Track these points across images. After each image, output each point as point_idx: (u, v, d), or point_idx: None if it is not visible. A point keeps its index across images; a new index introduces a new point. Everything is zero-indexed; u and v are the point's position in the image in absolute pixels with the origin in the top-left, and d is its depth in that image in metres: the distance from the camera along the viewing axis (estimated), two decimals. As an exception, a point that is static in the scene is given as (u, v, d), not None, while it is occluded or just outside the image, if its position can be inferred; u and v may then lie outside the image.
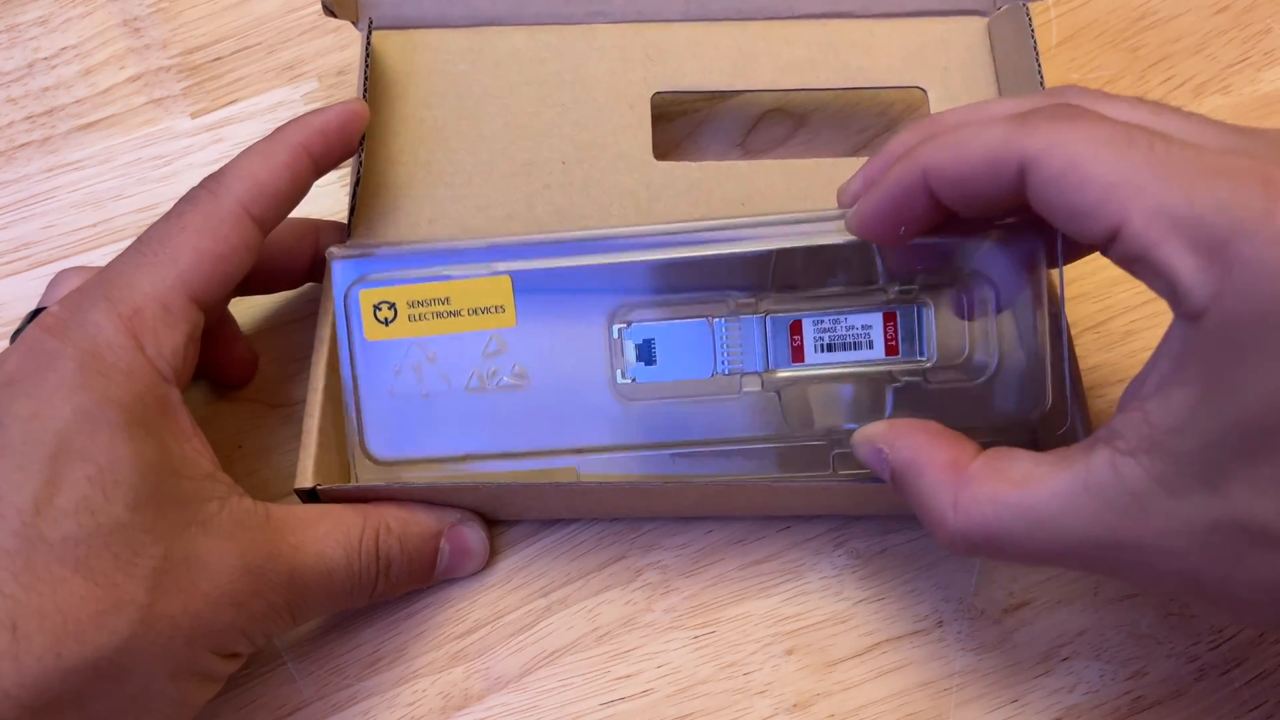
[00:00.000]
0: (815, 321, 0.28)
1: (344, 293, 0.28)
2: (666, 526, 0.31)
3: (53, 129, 0.37)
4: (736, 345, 0.28)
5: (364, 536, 0.27)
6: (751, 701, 0.29)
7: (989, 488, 0.22)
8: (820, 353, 0.28)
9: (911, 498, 0.24)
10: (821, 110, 0.37)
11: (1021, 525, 0.22)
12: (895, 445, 0.25)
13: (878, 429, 0.26)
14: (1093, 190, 0.20)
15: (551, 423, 0.29)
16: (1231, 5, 0.38)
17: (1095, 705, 0.28)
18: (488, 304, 0.28)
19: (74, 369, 0.23)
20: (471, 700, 0.29)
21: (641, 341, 0.28)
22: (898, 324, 0.28)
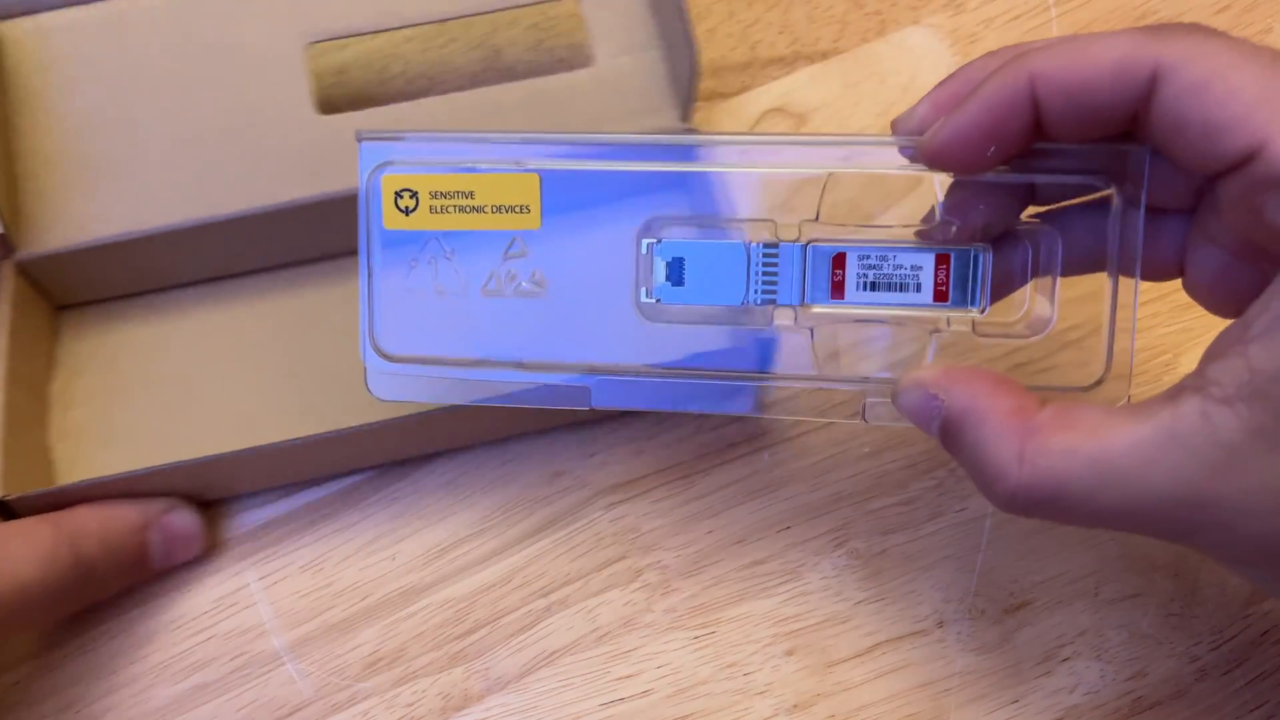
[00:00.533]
0: (861, 256, 0.25)
1: (367, 176, 0.26)
2: (667, 527, 0.31)
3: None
4: (773, 273, 0.26)
5: (57, 548, 0.26)
6: (752, 702, 0.29)
7: (1060, 437, 0.21)
8: (863, 291, 0.25)
9: (966, 449, 0.22)
10: (822, 109, 0.37)
11: (1094, 478, 0.20)
12: (952, 391, 0.22)
13: (930, 373, 0.23)
14: (1236, 104, 0.19)
15: (567, 335, 0.27)
16: (1232, 4, 0.38)
17: (1096, 706, 0.28)
18: (513, 202, 0.26)
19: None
20: (471, 700, 0.29)
21: (671, 259, 0.26)
22: (950, 267, 0.25)
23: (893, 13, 0.38)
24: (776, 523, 0.31)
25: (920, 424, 0.23)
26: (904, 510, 0.31)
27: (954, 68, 0.37)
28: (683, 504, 0.31)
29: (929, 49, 0.38)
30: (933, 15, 0.38)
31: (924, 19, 0.38)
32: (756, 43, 0.38)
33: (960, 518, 0.31)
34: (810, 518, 0.31)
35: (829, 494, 0.31)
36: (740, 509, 0.31)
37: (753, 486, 0.31)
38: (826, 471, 0.31)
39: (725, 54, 0.38)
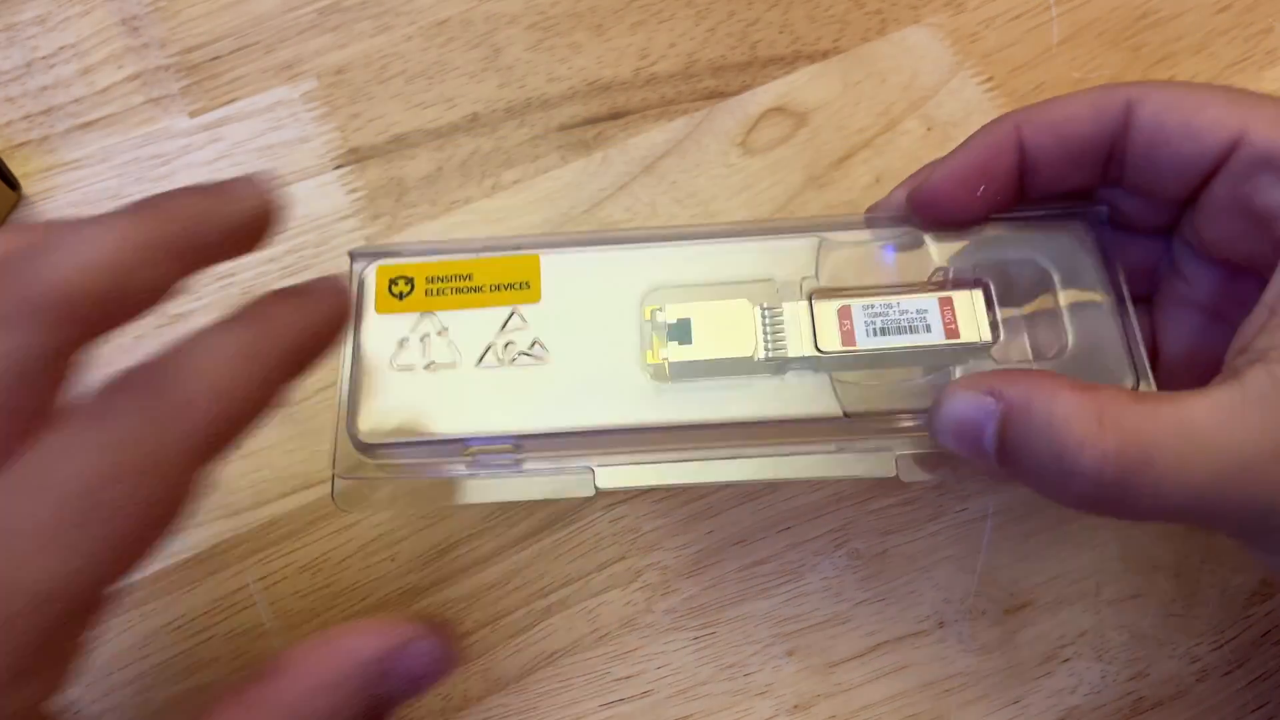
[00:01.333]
0: (865, 306, 0.25)
1: (359, 274, 0.26)
2: (667, 527, 0.31)
3: (51, 128, 0.37)
4: (780, 328, 0.25)
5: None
6: (752, 703, 0.29)
7: (1135, 405, 0.20)
8: (873, 336, 0.25)
9: (1036, 435, 0.20)
10: (822, 109, 0.37)
11: (1182, 442, 0.19)
12: (1008, 386, 0.21)
13: (981, 376, 0.22)
14: (1210, 108, 0.22)
15: (571, 400, 0.25)
16: (1233, 4, 0.38)
17: (1097, 706, 0.28)
18: (513, 280, 0.26)
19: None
20: (471, 701, 0.29)
21: (677, 320, 0.25)
22: (955, 308, 0.25)
23: (893, 12, 0.38)
24: (776, 523, 0.31)
25: (969, 436, 0.22)
26: (904, 510, 0.31)
27: (954, 67, 0.37)
28: (683, 504, 0.31)
29: (929, 48, 0.38)
30: (933, 15, 0.38)
31: (924, 18, 0.38)
32: (756, 42, 0.38)
33: (961, 518, 0.31)
34: (810, 518, 0.31)
35: (829, 494, 0.31)
36: (740, 509, 0.31)
37: (753, 486, 0.31)
38: (827, 471, 0.31)
39: (725, 53, 0.38)
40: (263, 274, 0.34)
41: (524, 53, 0.38)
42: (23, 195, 0.36)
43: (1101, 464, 0.19)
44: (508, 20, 0.38)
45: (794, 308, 0.25)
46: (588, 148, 0.36)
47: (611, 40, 0.38)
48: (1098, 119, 0.23)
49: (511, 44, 0.38)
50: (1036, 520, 0.30)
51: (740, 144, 0.36)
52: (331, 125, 0.37)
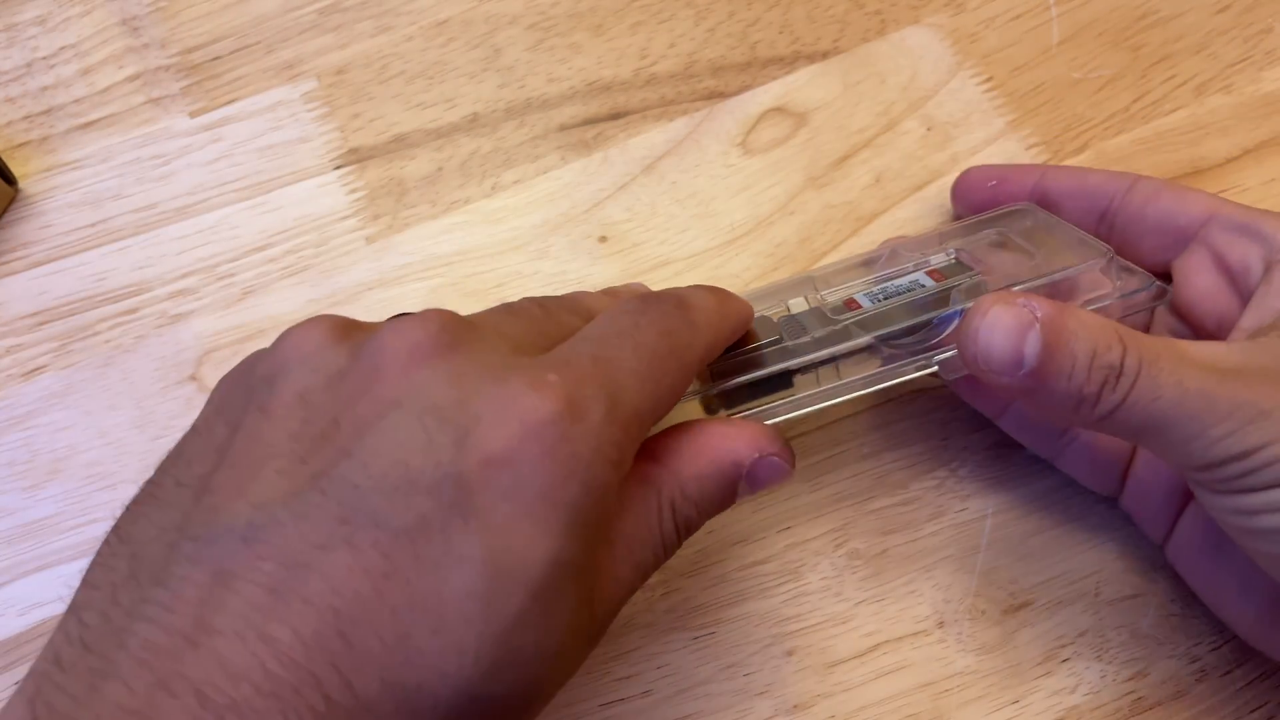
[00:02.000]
0: (865, 293, 0.28)
1: None
2: (666, 527, 0.31)
3: (51, 128, 0.37)
4: (796, 322, 0.28)
5: (663, 520, 0.23)
6: (752, 703, 0.29)
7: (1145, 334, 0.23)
8: (878, 302, 0.28)
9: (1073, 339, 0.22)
10: (822, 109, 0.37)
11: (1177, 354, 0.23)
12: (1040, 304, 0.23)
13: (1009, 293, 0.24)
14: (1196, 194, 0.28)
15: None
16: (1233, 4, 0.38)
17: (1096, 706, 0.28)
18: None
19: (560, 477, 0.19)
20: (471, 701, 0.29)
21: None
22: (940, 270, 0.28)
23: (893, 12, 0.38)
24: (776, 523, 0.31)
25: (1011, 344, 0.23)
26: (904, 510, 0.31)
27: (954, 67, 0.37)
28: (683, 504, 0.31)
29: (929, 48, 0.38)
30: (933, 15, 0.38)
31: (924, 18, 0.38)
32: (756, 42, 0.38)
33: (960, 518, 0.31)
34: (810, 518, 0.31)
35: (829, 494, 0.31)
36: (740, 509, 0.31)
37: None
38: (826, 472, 0.31)
39: (725, 54, 0.38)
40: (263, 274, 0.34)
41: (524, 53, 0.38)
42: (20, 191, 0.36)
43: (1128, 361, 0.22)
44: (508, 20, 0.38)
45: (800, 303, 0.29)
46: (588, 148, 0.36)
47: (611, 40, 0.38)
48: (1110, 180, 0.30)
49: (512, 44, 0.38)
50: (1036, 520, 0.30)
51: (740, 144, 0.36)
52: (332, 125, 0.37)
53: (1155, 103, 0.36)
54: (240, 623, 0.17)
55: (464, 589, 0.18)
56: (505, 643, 0.18)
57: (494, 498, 0.18)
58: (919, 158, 0.36)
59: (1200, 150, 0.35)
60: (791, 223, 0.35)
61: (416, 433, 0.18)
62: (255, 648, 0.16)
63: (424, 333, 0.20)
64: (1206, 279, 0.28)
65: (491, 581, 0.18)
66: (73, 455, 0.32)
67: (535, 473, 0.19)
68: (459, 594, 0.18)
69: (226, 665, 0.16)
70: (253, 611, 0.17)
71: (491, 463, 0.18)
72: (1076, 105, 0.36)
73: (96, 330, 0.34)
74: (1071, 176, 0.31)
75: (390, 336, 0.20)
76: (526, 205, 0.35)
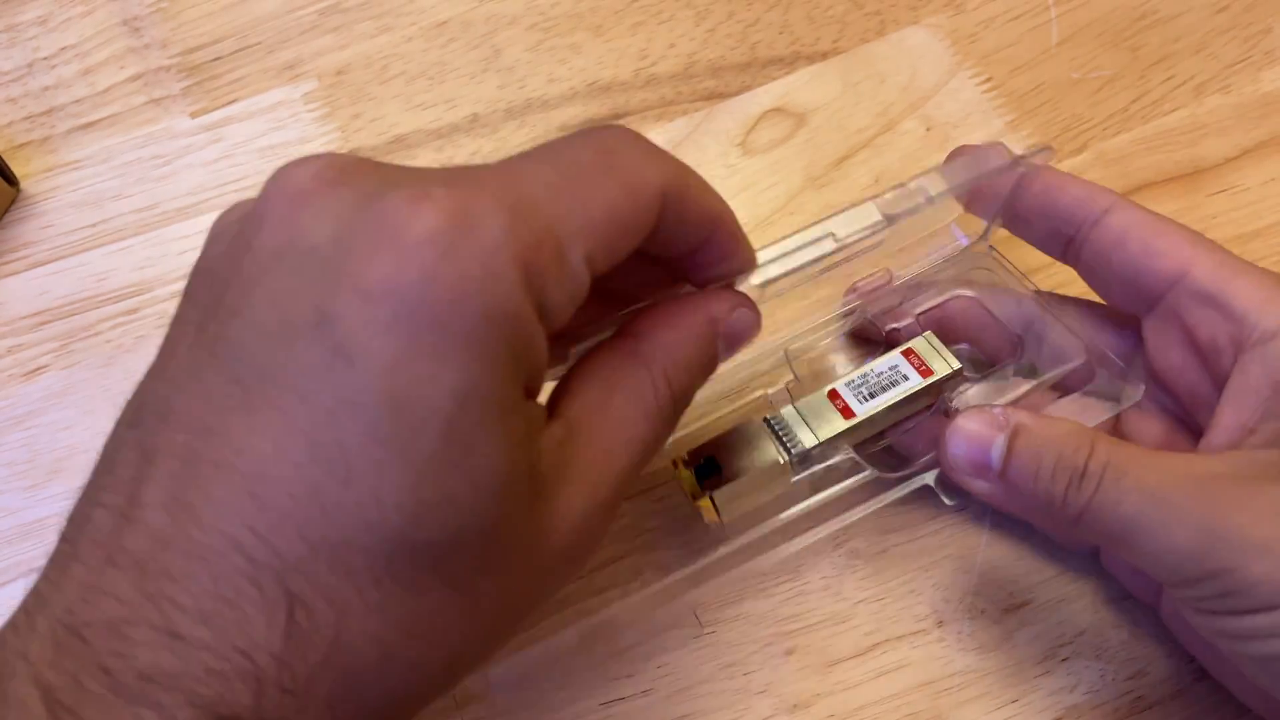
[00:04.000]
0: (847, 384, 0.29)
1: None
2: (667, 526, 0.31)
3: (52, 129, 0.37)
4: (789, 432, 0.28)
5: (658, 394, 0.22)
6: (751, 702, 0.29)
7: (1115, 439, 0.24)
8: (866, 402, 0.29)
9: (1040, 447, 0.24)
10: (822, 109, 0.37)
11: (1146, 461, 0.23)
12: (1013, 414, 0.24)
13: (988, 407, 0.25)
14: (1169, 239, 0.26)
15: None
16: (1232, 4, 0.38)
17: (1096, 705, 0.28)
18: None
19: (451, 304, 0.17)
20: (471, 700, 0.29)
21: (703, 461, 0.28)
22: (917, 354, 0.29)
23: (892, 13, 0.38)
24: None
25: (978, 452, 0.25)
26: (904, 510, 0.31)
27: (953, 67, 0.38)
28: (683, 503, 0.31)
29: (928, 49, 0.38)
30: (932, 15, 0.38)
31: (923, 19, 0.38)
32: (756, 43, 0.38)
33: (960, 518, 0.31)
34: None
35: (829, 494, 0.31)
36: (740, 509, 0.31)
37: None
38: (826, 471, 0.31)
39: (725, 54, 0.38)
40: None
41: (524, 54, 0.38)
42: (21, 191, 0.36)
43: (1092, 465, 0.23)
44: (508, 21, 0.38)
45: (791, 411, 0.29)
46: (588, 148, 0.36)
47: (611, 41, 0.38)
48: (1080, 206, 0.27)
49: (512, 45, 0.38)
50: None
51: (740, 144, 0.36)
52: (332, 126, 0.37)
53: (1154, 103, 0.36)
54: (163, 494, 0.17)
55: (365, 435, 0.17)
56: (427, 486, 0.17)
57: (376, 334, 0.17)
58: (918, 158, 0.36)
59: (1199, 150, 0.36)
60: (791, 223, 0.35)
61: (292, 278, 0.17)
62: (176, 516, 0.17)
63: (306, 174, 0.18)
64: (1176, 355, 0.27)
65: (393, 424, 0.17)
66: (73, 455, 0.32)
67: (420, 300, 0.17)
68: (361, 441, 0.17)
69: (156, 535, 0.17)
70: (171, 482, 0.17)
71: (368, 297, 0.17)
72: (1076, 105, 0.37)
73: (98, 330, 0.34)
74: (1043, 194, 0.28)
75: (272, 185, 0.19)
76: (527, 205, 0.35)
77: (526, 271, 0.18)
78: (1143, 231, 0.26)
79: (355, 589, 0.17)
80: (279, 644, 0.16)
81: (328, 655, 0.17)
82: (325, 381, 0.17)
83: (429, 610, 0.18)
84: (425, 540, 0.17)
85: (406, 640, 0.18)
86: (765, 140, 0.36)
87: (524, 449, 0.19)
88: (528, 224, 0.18)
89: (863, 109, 0.37)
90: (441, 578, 0.18)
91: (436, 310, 0.17)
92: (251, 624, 0.16)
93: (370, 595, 0.17)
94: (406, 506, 0.17)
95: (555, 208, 0.19)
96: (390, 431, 0.17)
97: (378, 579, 0.17)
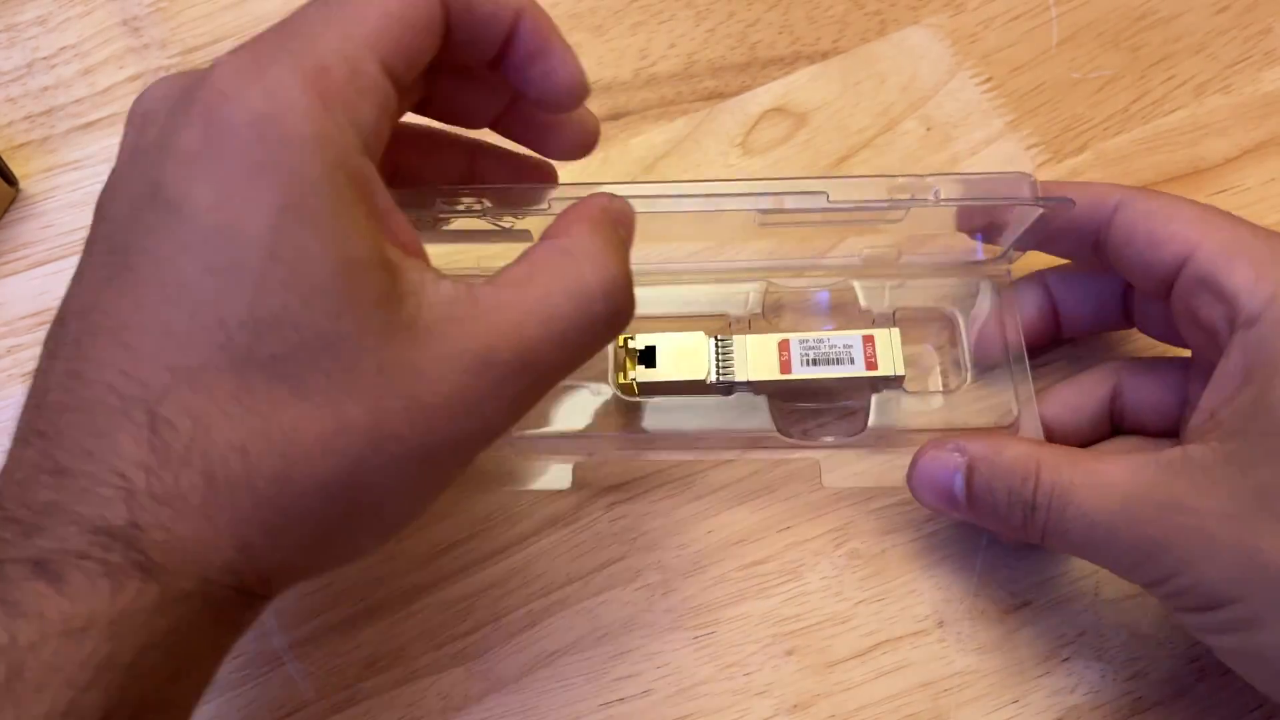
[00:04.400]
0: (800, 340, 0.30)
1: None
2: (667, 527, 0.31)
3: (51, 129, 0.37)
4: (729, 356, 0.30)
5: (585, 274, 0.22)
6: (751, 702, 0.29)
7: (1066, 455, 0.25)
8: (806, 366, 0.30)
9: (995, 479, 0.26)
10: (822, 109, 0.37)
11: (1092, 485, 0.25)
12: (969, 446, 0.27)
13: (945, 438, 0.27)
14: (1176, 224, 0.26)
15: (555, 415, 0.31)
16: (1232, 5, 0.38)
17: (1096, 706, 0.28)
18: None
19: (255, 139, 0.19)
20: (471, 701, 0.29)
21: (644, 348, 0.30)
22: (875, 344, 0.30)
23: (892, 13, 0.38)
24: (776, 523, 0.31)
25: (942, 487, 0.27)
26: (904, 510, 0.31)
27: (954, 67, 0.38)
28: (683, 504, 0.31)
29: (929, 49, 0.38)
30: (933, 15, 0.38)
31: (924, 19, 0.38)
32: (756, 43, 0.38)
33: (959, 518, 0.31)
34: (810, 518, 0.31)
35: (829, 494, 0.31)
36: (740, 509, 0.31)
37: (753, 486, 0.31)
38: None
39: (725, 54, 0.38)
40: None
41: (524, 53, 0.38)
42: (20, 191, 0.36)
43: (1039, 498, 0.25)
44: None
45: (742, 340, 0.30)
46: (588, 148, 0.36)
47: (611, 41, 0.38)
48: (1093, 214, 0.28)
49: (512, 44, 0.38)
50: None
51: (740, 144, 0.36)
52: (332, 126, 0.37)
53: (1155, 103, 0.36)
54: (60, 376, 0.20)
55: (203, 269, 0.19)
56: (262, 304, 0.19)
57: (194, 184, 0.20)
58: (919, 158, 0.36)
59: (1199, 150, 0.36)
60: (791, 223, 0.35)
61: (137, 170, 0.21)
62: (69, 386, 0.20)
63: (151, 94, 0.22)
64: (1192, 339, 0.27)
65: (223, 253, 0.19)
66: (73, 455, 0.32)
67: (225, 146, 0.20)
68: (199, 275, 0.19)
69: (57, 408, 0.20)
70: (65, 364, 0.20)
71: (184, 157, 0.20)
72: (1076, 105, 0.37)
73: (97, 330, 0.34)
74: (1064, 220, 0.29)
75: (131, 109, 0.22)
76: (527, 205, 0.35)
77: (322, 96, 0.20)
78: (1149, 222, 0.26)
79: (215, 405, 0.19)
80: (147, 458, 0.19)
81: (194, 464, 0.19)
82: (164, 236, 0.20)
83: (288, 422, 0.19)
84: (269, 354, 0.19)
85: (268, 449, 0.19)
86: (765, 140, 0.36)
87: (367, 270, 0.20)
88: (310, 55, 0.20)
89: (863, 109, 0.37)
90: (294, 390, 0.20)
91: (241, 149, 0.19)
92: (123, 448, 0.19)
93: (230, 408, 0.19)
94: (247, 324, 0.19)
95: (333, 33, 0.21)
96: (222, 260, 0.19)
97: (235, 394, 0.19)
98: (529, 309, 0.22)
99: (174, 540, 0.19)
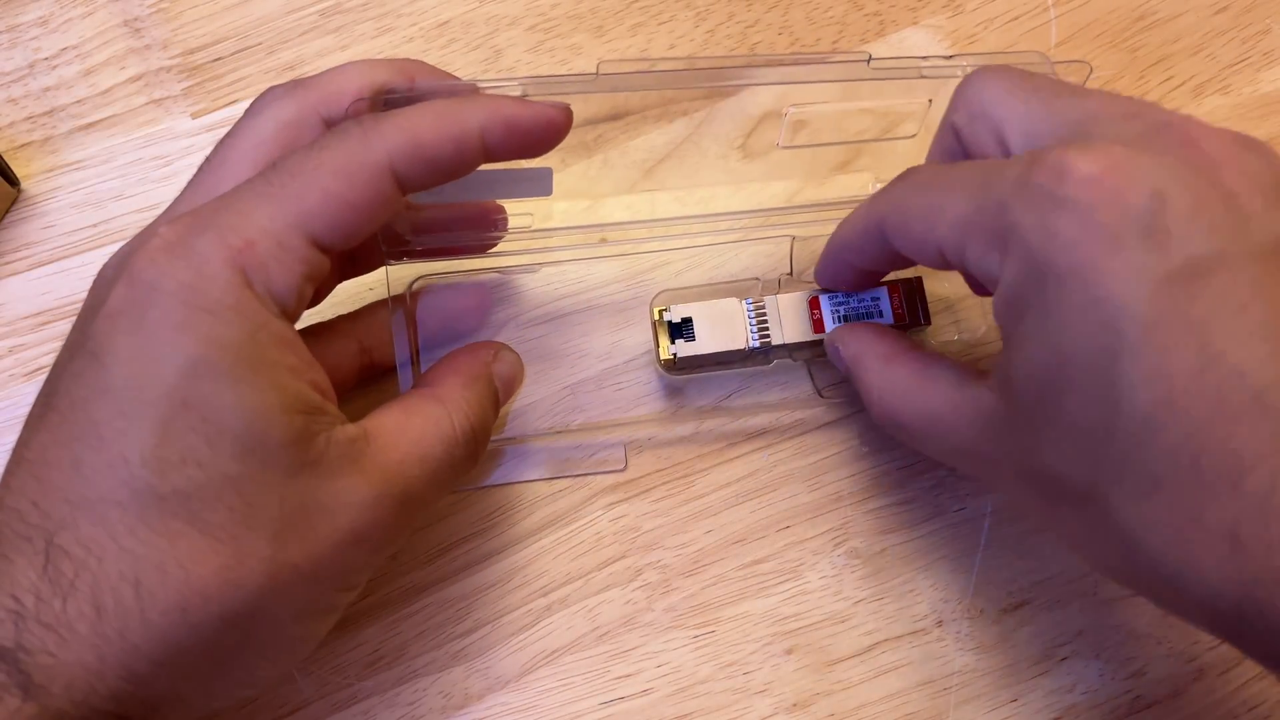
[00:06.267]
0: (830, 297, 0.31)
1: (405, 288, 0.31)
2: (667, 526, 0.31)
3: (53, 129, 0.37)
4: (765, 321, 0.31)
5: (455, 423, 0.26)
6: (751, 701, 0.29)
7: (905, 384, 0.27)
8: (838, 323, 0.31)
9: (857, 385, 0.28)
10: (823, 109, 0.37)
11: (921, 422, 0.26)
12: (846, 341, 0.29)
13: (836, 331, 0.30)
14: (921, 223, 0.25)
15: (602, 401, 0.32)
16: (1231, 5, 0.38)
17: (1094, 705, 0.28)
18: None
19: (176, 304, 0.22)
20: (471, 700, 0.29)
21: (680, 320, 0.31)
22: (901, 294, 0.31)
23: (891, 14, 0.38)
24: (776, 522, 0.31)
25: (841, 370, 0.30)
26: (903, 510, 0.31)
27: (953, 69, 0.37)
28: (683, 503, 0.31)
29: (928, 50, 0.38)
30: (931, 16, 0.38)
31: (923, 20, 0.38)
32: (756, 43, 0.38)
33: (959, 517, 0.31)
34: (810, 517, 0.31)
35: (828, 494, 0.31)
36: (740, 509, 0.31)
37: (753, 486, 0.31)
38: (826, 471, 0.31)
39: (725, 54, 0.38)
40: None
41: (525, 54, 0.38)
42: (22, 192, 0.36)
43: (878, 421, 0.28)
44: (508, 22, 0.38)
45: (774, 301, 0.31)
46: (588, 150, 0.36)
47: (611, 42, 0.38)
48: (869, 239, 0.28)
49: (512, 46, 0.38)
50: (1034, 519, 0.31)
51: (740, 146, 0.36)
52: (333, 126, 0.37)
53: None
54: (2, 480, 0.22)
55: (113, 411, 0.21)
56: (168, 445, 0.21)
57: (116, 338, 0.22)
58: (918, 159, 0.36)
59: (1198, 151, 0.36)
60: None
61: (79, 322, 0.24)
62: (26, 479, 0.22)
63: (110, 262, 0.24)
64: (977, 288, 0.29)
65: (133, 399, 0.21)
66: (75, 455, 0.32)
67: (147, 308, 0.22)
68: (110, 417, 0.21)
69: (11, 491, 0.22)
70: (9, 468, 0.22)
71: (111, 315, 0.22)
72: (1075, 106, 0.37)
73: (98, 330, 0.34)
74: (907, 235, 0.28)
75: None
76: (527, 206, 0.35)
77: (244, 269, 0.22)
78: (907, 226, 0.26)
79: (110, 537, 0.20)
80: (39, 584, 0.20)
81: (83, 592, 0.20)
82: (85, 382, 0.22)
83: (186, 555, 0.21)
84: (171, 490, 0.21)
85: (163, 581, 0.20)
86: (766, 141, 0.36)
87: (278, 416, 0.22)
88: (238, 231, 0.22)
89: (863, 110, 0.37)
90: (194, 525, 0.21)
91: (164, 310, 0.22)
92: (19, 573, 0.20)
93: (125, 541, 0.20)
94: (150, 462, 0.21)
95: (266, 210, 0.23)
96: (131, 405, 0.21)
97: (132, 527, 0.21)
98: (408, 451, 0.25)
99: (58, 665, 0.20)
